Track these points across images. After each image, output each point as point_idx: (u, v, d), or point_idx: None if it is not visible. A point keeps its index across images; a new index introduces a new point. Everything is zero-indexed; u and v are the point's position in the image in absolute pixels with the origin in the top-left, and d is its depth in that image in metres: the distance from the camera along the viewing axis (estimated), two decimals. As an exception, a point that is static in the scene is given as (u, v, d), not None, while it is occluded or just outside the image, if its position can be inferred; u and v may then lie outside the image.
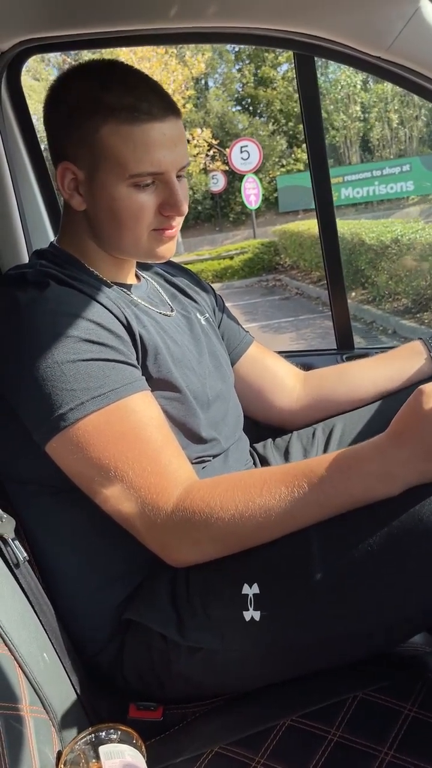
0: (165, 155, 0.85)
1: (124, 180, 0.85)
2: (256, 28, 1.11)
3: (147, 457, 0.78)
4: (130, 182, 0.85)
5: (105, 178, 0.85)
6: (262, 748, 0.73)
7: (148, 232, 0.89)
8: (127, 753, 0.70)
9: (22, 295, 0.82)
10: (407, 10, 0.97)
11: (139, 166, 0.84)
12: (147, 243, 0.90)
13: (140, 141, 0.83)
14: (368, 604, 0.71)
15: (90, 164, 0.86)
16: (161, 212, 0.88)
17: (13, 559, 0.78)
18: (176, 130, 0.87)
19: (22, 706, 0.68)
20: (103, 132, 0.84)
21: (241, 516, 0.74)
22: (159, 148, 0.84)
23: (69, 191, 0.89)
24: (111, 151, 0.84)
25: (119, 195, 0.85)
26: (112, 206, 0.86)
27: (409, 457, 0.68)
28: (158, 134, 0.84)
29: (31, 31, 1.14)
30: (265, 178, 18.91)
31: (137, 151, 0.83)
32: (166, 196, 0.87)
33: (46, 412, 0.77)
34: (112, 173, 0.85)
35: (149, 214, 0.87)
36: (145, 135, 0.83)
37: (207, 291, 1.16)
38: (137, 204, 0.86)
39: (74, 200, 0.90)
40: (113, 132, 0.83)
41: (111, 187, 0.85)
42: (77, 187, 0.89)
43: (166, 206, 0.87)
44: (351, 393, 1.17)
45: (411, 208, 14.62)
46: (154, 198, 0.87)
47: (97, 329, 0.81)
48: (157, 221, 0.88)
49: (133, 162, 0.84)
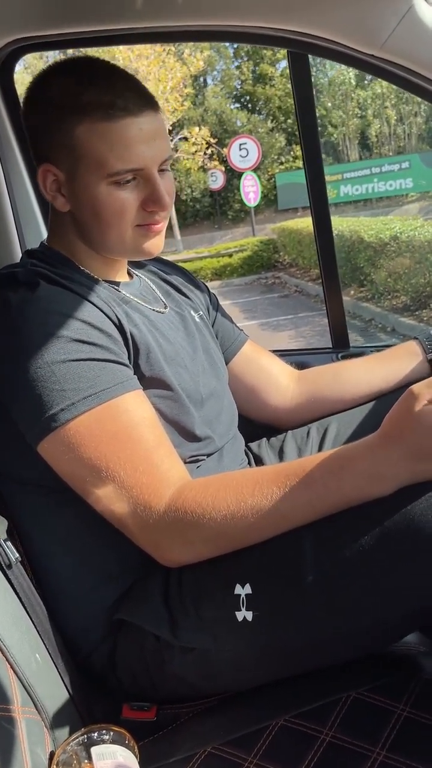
0: (144, 150, 0.84)
1: (103, 179, 0.84)
2: (249, 26, 1.11)
3: (139, 457, 0.77)
4: (110, 180, 0.84)
5: (85, 179, 0.85)
6: (255, 748, 0.73)
7: (132, 229, 0.88)
8: (119, 754, 0.70)
9: (13, 294, 0.81)
10: (401, 8, 0.96)
11: (117, 163, 0.83)
12: (132, 239, 0.89)
13: (117, 138, 0.83)
14: (360, 604, 0.71)
15: (69, 165, 0.86)
16: (144, 208, 0.87)
17: (5, 560, 0.78)
18: (154, 124, 0.86)
19: (13, 707, 0.68)
20: (79, 132, 0.83)
21: (233, 516, 0.73)
22: (137, 143, 0.84)
23: (52, 193, 0.89)
24: (89, 150, 0.84)
25: (100, 194, 0.85)
26: (95, 206, 0.86)
27: (401, 457, 0.68)
28: (135, 130, 0.84)
29: (23, 29, 1.13)
30: (263, 175, 18.90)
31: (115, 148, 0.83)
32: (148, 192, 0.86)
33: (37, 412, 0.77)
34: (92, 173, 0.84)
35: (132, 210, 0.87)
36: (122, 131, 0.83)
37: (201, 289, 1.16)
38: (119, 202, 0.85)
39: (57, 201, 0.90)
40: (90, 131, 0.83)
41: (92, 187, 0.85)
42: (59, 189, 0.88)
43: (148, 202, 0.87)
44: (345, 393, 1.16)
45: (410, 206, 14.61)
46: (135, 194, 0.86)
47: (88, 329, 0.81)
48: (140, 217, 0.88)
49: (112, 160, 0.83)
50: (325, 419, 1.17)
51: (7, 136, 1.36)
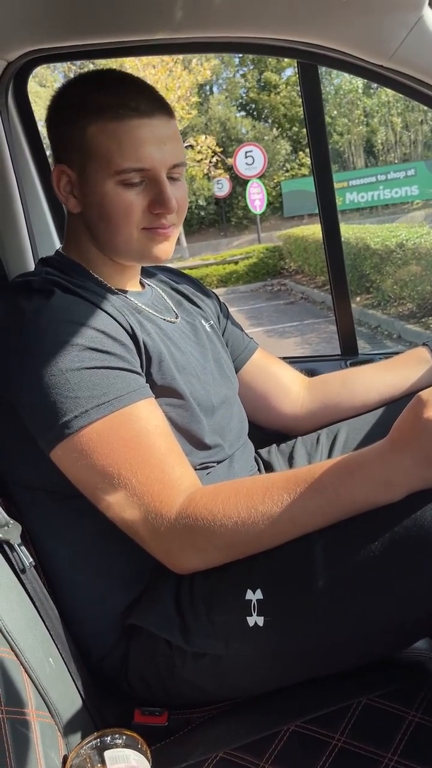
0: (152, 152, 0.85)
1: (110, 177, 0.86)
2: (259, 37, 1.12)
3: (150, 465, 0.78)
4: (117, 179, 0.86)
5: (94, 177, 0.87)
6: (267, 753, 0.73)
7: (138, 231, 0.89)
8: (132, 758, 0.70)
9: (28, 303, 0.83)
10: (410, 19, 0.97)
11: (124, 161, 0.85)
12: (139, 243, 0.90)
13: (125, 137, 0.85)
14: (371, 609, 0.72)
15: (80, 165, 0.88)
16: (150, 210, 0.88)
17: (19, 564, 0.79)
18: (166, 128, 0.87)
19: (28, 711, 0.68)
20: (90, 131, 0.86)
21: (243, 523, 0.74)
22: (145, 144, 0.85)
23: (65, 194, 0.92)
24: (98, 148, 0.86)
25: (107, 193, 0.87)
26: (102, 205, 0.88)
27: (410, 463, 0.69)
28: (145, 131, 0.85)
29: (37, 42, 1.15)
30: (269, 182, 18.94)
31: (122, 147, 0.85)
32: (155, 194, 0.87)
33: (50, 419, 0.78)
34: (100, 171, 0.86)
35: (138, 212, 0.88)
36: (131, 131, 0.85)
37: (211, 298, 1.17)
38: (126, 202, 0.87)
39: (70, 203, 0.92)
40: (100, 130, 0.85)
41: (99, 186, 0.87)
42: (72, 190, 0.91)
43: (155, 204, 0.88)
44: (355, 399, 1.17)
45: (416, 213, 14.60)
46: (143, 196, 0.88)
47: (102, 337, 0.82)
48: (147, 220, 0.89)
49: (118, 158, 0.85)
50: (334, 425, 1.17)
51: (21, 146, 1.38)
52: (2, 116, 1.28)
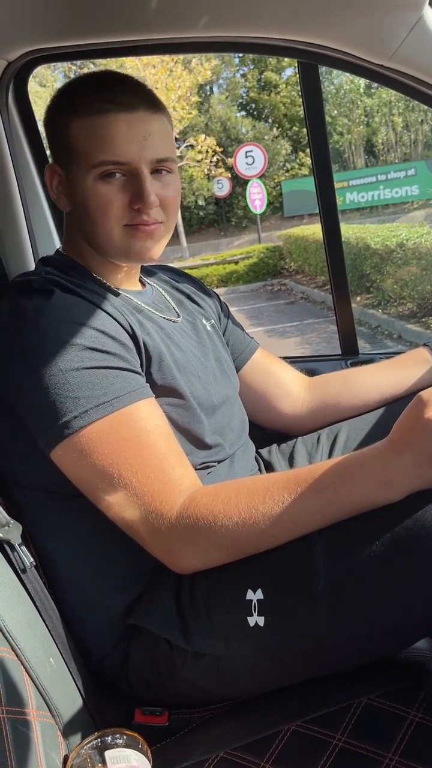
0: (130, 146, 0.85)
1: (89, 171, 0.86)
2: (259, 37, 1.12)
3: (151, 465, 0.78)
4: (95, 174, 0.86)
5: (76, 173, 0.88)
6: (267, 753, 0.73)
7: (120, 228, 0.89)
8: (132, 758, 0.70)
9: (28, 302, 0.83)
10: (410, 19, 0.97)
11: (100, 155, 0.85)
12: (121, 240, 0.90)
13: (103, 131, 0.85)
14: (371, 609, 0.72)
15: (66, 162, 0.89)
16: (131, 206, 0.88)
17: (19, 564, 0.79)
18: (148, 123, 0.87)
19: (29, 711, 0.68)
20: (72, 128, 0.87)
21: (244, 523, 0.74)
22: (124, 138, 0.85)
23: (56, 193, 0.93)
24: (78, 144, 0.86)
25: (87, 188, 0.87)
26: (83, 200, 0.88)
27: (411, 463, 0.69)
28: (123, 125, 0.85)
29: (37, 41, 1.15)
30: (269, 182, 18.93)
31: (99, 141, 0.85)
32: (134, 189, 0.87)
33: (50, 419, 0.78)
34: (81, 166, 0.87)
35: (118, 207, 0.87)
36: (109, 125, 0.85)
37: (212, 297, 1.17)
38: (104, 196, 0.87)
39: (61, 201, 0.93)
40: (81, 126, 0.86)
41: (81, 182, 0.87)
42: (63, 189, 0.92)
43: (135, 199, 0.87)
44: (355, 399, 1.17)
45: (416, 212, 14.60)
46: (123, 191, 0.87)
47: (102, 337, 0.82)
48: (128, 216, 0.88)
49: (95, 151, 0.85)
50: (335, 425, 1.17)
51: (21, 146, 1.38)
52: (2, 116, 1.28)
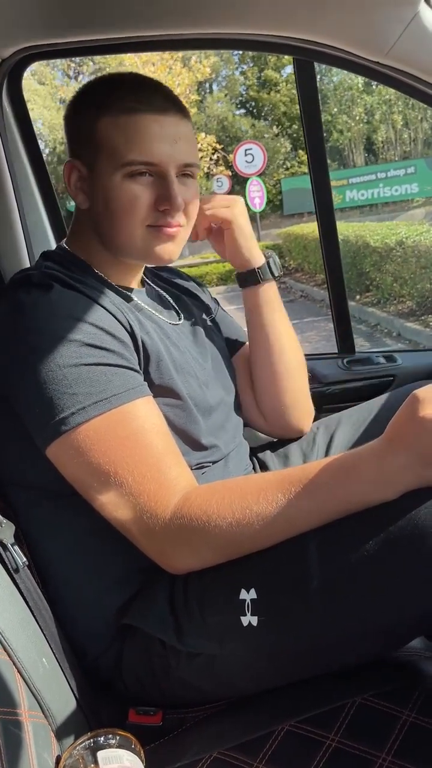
0: (161, 147, 0.85)
1: (118, 169, 0.86)
2: (255, 34, 1.11)
3: (147, 464, 0.78)
4: (124, 172, 0.86)
5: (102, 169, 0.87)
6: (261, 753, 0.73)
7: (143, 228, 0.88)
8: (125, 758, 0.70)
9: (27, 297, 0.82)
10: (406, 15, 0.96)
11: (131, 153, 0.85)
12: (143, 240, 0.89)
13: (135, 130, 0.85)
14: (365, 609, 0.71)
15: (90, 158, 0.88)
16: (157, 207, 0.87)
17: (12, 564, 0.78)
18: (178, 127, 0.88)
19: (20, 711, 0.68)
20: (101, 124, 0.86)
21: (238, 523, 0.74)
22: (155, 139, 0.85)
23: (75, 189, 0.91)
24: (107, 140, 0.86)
25: (114, 186, 0.86)
26: (107, 198, 0.87)
27: (405, 462, 0.68)
28: (155, 126, 0.85)
29: (32, 38, 1.15)
30: (269, 180, 18.91)
31: (131, 139, 0.85)
32: (162, 190, 0.87)
33: (47, 415, 0.77)
34: (108, 163, 0.86)
35: (143, 207, 0.87)
36: (141, 125, 0.85)
37: (206, 292, 1.17)
38: (131, 194, 0.86)
39: (79, 198, 0.91)
40: (111, 123, 0.86)
41: (106, 178, 0.87)
42: (82, 186, 0.90)
43: (161, 200, 0.87)
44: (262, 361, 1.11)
45: (415, 210, 14.60)
46: (149, 191, 0.87)
47: (101, 334, 0.81)
48: (152, 217, 0.88)
49: (126, 150, 0.85)
50: (331, 424, 1.17)
51: (15, 143, 1.37)
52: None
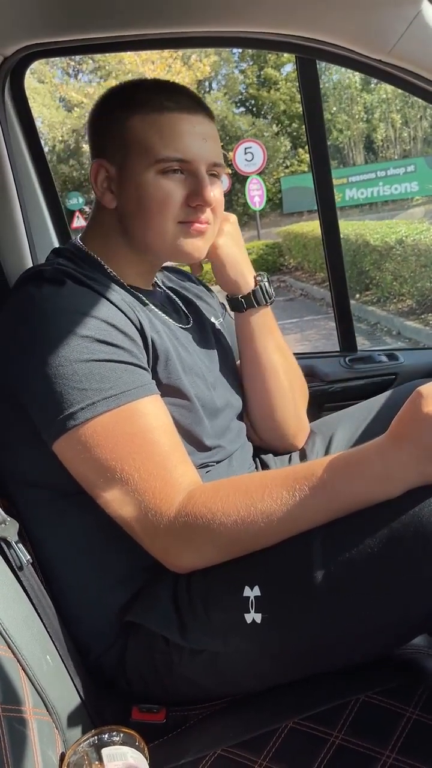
0: (193, 145, 0.87)
1: (151, 166, 0.87)
2: (257, 32, 1.11)
3: (153, 462, 0.78)
4: (156, 168, 0.87)
5: (133, 167, 0.88)
6: (265, 751, 0.73)
7: (174, 224, 0.89)
8: (129, 755, 0.70)
9: (38, 292, 0.82)
10: (409, 13, 0.97)
11: (165, 150, 0.86)
12: (173, 237, 0.90)
13: (167, 128, 0.86)
14: (369, 606, 0.71)
15: (120, 157, 0.89)
16: (188, 203, 0.88)
17: (16, 561, 0.78)
18: (207, 127, 0.90)
19: (25, 709, 0.68)
20: (132, 122, 0.87)
21: (243, 521, 0.74)
22: (187, 136, 0.87)
23: (101, 189, 0.92)
24: (139, 138, 0.87)
25: (146, 182, 0.87)
26: (139, 195, 0.88)
27: (409, 459, 0.68)
28: (186, 125, 0.87)
29: (34, 36, 1.15)
30: (268, 179, 18.90)
31: (164, 137, 0.86)
32: (193, 187, 0.88)
33: (56, 410, 0.77)
34: (140, 161, 0.87)
35: (175, 203, 0.88)
36: (173, 123, 0.86)
37: (213, 295, 1.18)
38: (163, 191, 0.87)
39: (106, 198, 0.92)
40: (142, 121, 0.87)
41: (138, 176, 0.87)
42: (109, 185, 0.91)
43: (192, 196, 0.88)
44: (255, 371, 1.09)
45: (415, 209, 14.57)
46: (181, 187, 0.88)
47: (111, 330, 0.81)
48: (183, 213, 0.89)
49: (160, 146, 0.86)
50: (330, 425, 1.17)
51: (18, 141, 1.37)
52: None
